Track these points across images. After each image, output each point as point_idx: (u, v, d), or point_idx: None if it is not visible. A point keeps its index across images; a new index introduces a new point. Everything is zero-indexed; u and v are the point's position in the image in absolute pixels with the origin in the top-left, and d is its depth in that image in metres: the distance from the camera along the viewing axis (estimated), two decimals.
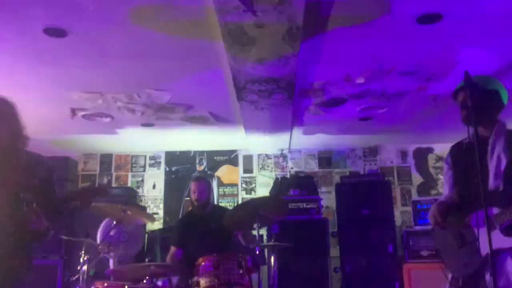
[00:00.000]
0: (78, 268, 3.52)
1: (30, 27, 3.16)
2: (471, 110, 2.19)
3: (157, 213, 6.31)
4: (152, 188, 6.52)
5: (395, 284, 5.09)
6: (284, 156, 6.55)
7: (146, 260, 3.52)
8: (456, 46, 3.57)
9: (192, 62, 3.76)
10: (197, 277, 3.42)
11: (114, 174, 6.57)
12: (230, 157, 6.58)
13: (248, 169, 6.53)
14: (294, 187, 5.62)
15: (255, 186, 6.46)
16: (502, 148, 2.37)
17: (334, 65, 3.88)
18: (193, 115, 5.09)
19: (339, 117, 5.22)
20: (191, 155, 6.62)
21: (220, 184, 6.50)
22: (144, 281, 3.35)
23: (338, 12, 3.05)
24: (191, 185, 4.44)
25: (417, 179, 6.39)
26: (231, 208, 6.07)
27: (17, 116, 2.65)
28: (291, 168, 6.51)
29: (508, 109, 2.56)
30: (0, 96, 2.64)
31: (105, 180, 6.52)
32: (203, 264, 3.45)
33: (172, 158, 6.61)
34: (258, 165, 6.54)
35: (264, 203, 3.88)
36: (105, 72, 3.94)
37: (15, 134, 2.62)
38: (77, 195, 2.96)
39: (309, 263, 5.12)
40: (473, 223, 2.32)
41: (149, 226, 5.74)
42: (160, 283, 3.63)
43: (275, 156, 6.56)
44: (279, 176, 6.30)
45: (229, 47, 3.24)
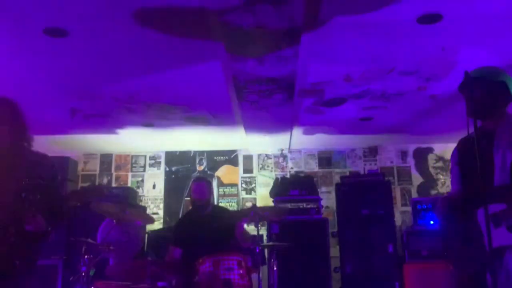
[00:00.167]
0: (78, 268, 3.53)
1: (30, 27, 3.16)
2: (476, 103, 2.13)
3: (157, 213, 6.31)
4: (152, 188, 6.52)
5: (395, 284, 5.08)
6: (284, 156, 6.55)
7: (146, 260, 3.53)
8: (456, 46, 3.57)
9: (192, 62, 3.76)
10: (197, 277, 3.42)
11: (114, 174, 6.56)
12: (230, 157, 6.58)
13: (248, 169, 6.53)
14: (294, 187, 5.62)
15: (255, 186, 6.46)
16: (508, 142, 2.28)
17: (334, 65, 3.88)
18: (193, 115, 5.09)
19: (339, 117, 5.22)
20: (191, 155, 6.62)
21: (220, 184, 6.49)
22: (144, 281, 3.35)
23: (338, 12, 3.05)
24: (191, 186, 4.44)
25: (417, 179, 6.38)
26: (231, 209, 6.10)
27: (20, 116, 2.65)
28: (291, 168, 6.51)
29: None
30: (3, 96, 2.65)
31: (105, 180, 6.52)
32: (203, 264, 3.45)
33: (172, 158, 6.61)
34: (258, 165, 6.54)
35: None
36: (105, 72, 3.94)
37: (18, 134, 2.62)
38: (73, 195, 2.96)
39: (309, 263, 5.13)
40: (479, 218, 2.25)
41: (149, 226, 5.73)
42: (160, 283, 3.63)
43: (275, 156, 6.56)
44: (279, 176, 6.30)
45: (229, 47, 3.24)
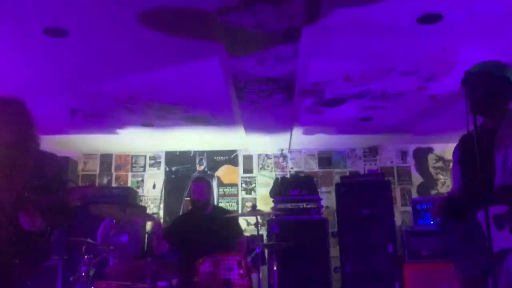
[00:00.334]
0: (78, 268, 3.53)
1: (30, 27, 3.16)
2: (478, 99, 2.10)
3: (157, 213, 6.31)
4: (152, 188, 6.52)
5: (395, 284, 5.08)
6: (284, 156, 6.55)
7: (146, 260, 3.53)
8: (456, 46, 3.57)
9: (192, 62, 3.76)
10: (197, 277, 3.42)
11: (114, 174, 6.56)
12: (230, 157, 6.58)
13: (248, 169, 6.53)
14: (294, 187, 5.61)
15: (255, 186, 6.45)
16: (510, 142, 2.21)
17: (334, 65, 3.87)
18: (193, 115, 5.09)
19: (339, 117, 5.22)
20: (191, 155, 6.61)
21: (220, 184, 6.49)
22: (144, 281, 3.35)
23: (338, 12, 3.05)
24: (191, 186, 4.44)
25: (417, 179, 6.38)
26: (231, 210, 6.10)
27: (29, 116, 2.65)
28: (291, 168, 6.51)
29: None
30: (10, 96, 2.65)
31: (105, 180, 6.52)
32: (203, 264, 3.45)
33: (172, 158, 6.61)
34: (258, 165, 6.54)
35: None
36: (105, 72, 3.94)
37: (26, 133, 2.62)
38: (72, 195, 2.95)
39: (309, 263, 5.12)
40: (480, 219, 2.17)
41: (149, 226, 5.74)
42: (160, 283, 3.63)
43: (275, 156, 6.56)
44: (279, 176, 6.29)
45: (229, 47, 3.24)
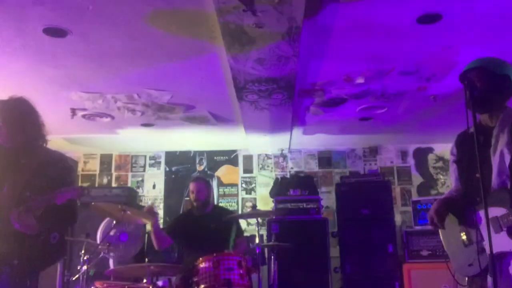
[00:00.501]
0: (78, 268, 3.53)
1: (30, 27, 3.16)
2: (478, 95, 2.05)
3: (157, 213, 6.30)
4: (152, 188, 6.52)
5: (395, 284, 5.09)
6: (284, 156, 6.54)
7: (146, 260, 3.52)
8: (456, 46, 3.57)
9: (192, 62, 3.76)
10: (197, 277, 3.42)
11: (114, 174, 6.56)
12: (230, 157, 6.58)
13: (248, 169, 6.53)
14: (294, 187, 5.62)
15: (255, 186, 6.45)
16: (506, 142, 2.17)
17: (334, 65, 3.87)
18: (193, 115, 5.09)
19: (339, 117, 5.22)
20: (191, 155, 6.61)
21: (220, 184, 6.49)
22: (144, 281, 3.35)
23: (338, 12, 3.05)
24: (190, 186, 4.44)
25: (417, 179, 6.38)
26: (231, 210, 6.10)
27: (36, 116, 2.66)
28: (291, 168, 6.51)
29: None
30: (19, 96, 2.65)
31: (105, 180, 6.52)
32: (203, 264, 3.45)
33: (172, 158, 6.61)
34: (258, 165, 6.54)
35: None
36: (105, 72, 3.94)
37: (33, 133, 2.63)
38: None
39: (309, 263, 5.12)
40: (479, 222, 2.15)
41: (149, 226, 5.72)
42: (160, 283, 3.63)
43: (275, 156, 6.55)
44: (279, 176, 6.30)
45: (229, 47, 3.24)
